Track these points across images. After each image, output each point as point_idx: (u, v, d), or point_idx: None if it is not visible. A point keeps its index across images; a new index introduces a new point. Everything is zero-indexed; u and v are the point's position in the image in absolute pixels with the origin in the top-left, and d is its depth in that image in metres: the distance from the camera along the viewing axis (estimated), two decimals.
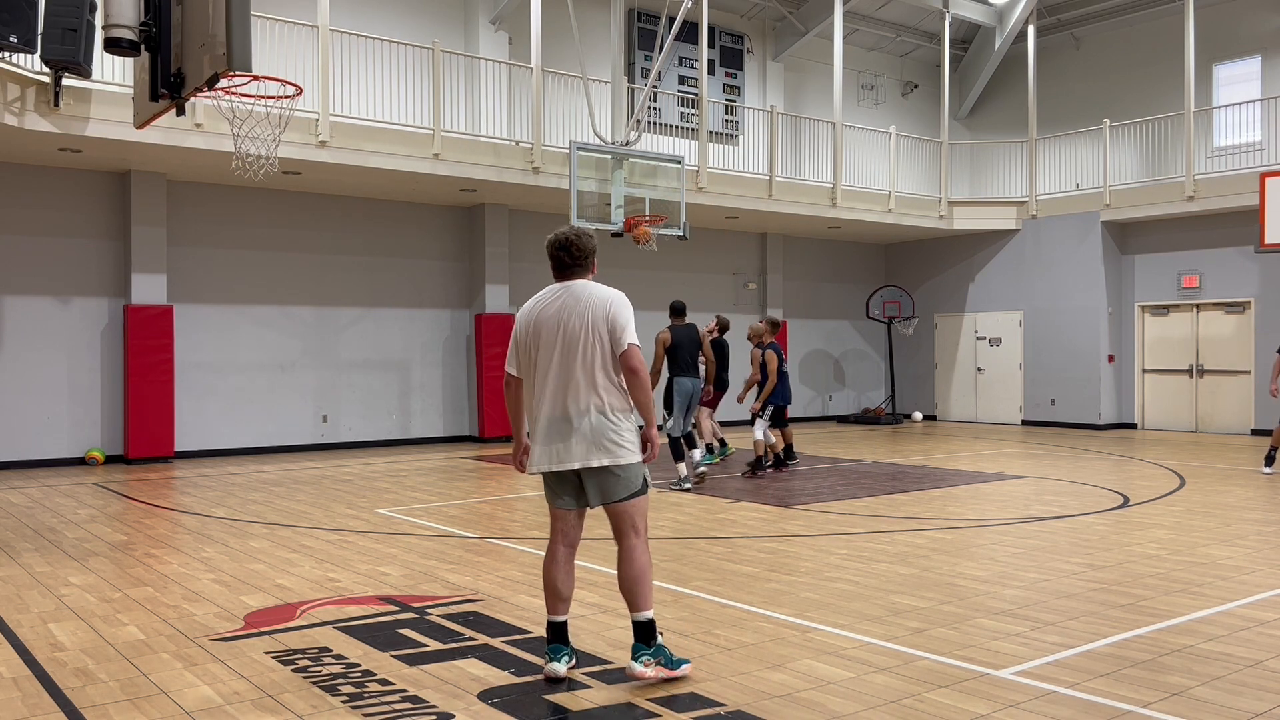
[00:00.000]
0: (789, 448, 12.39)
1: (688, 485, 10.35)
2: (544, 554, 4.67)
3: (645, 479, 4.45)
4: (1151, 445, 15.16)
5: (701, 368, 10.96)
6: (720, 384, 12.49)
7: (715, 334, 12.54)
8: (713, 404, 12.90)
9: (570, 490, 4.42)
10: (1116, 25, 19.79)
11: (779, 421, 12.03)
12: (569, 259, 4.48)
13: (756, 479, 11.14)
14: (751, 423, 11.78)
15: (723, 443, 13.36)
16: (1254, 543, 7.44)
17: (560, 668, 4.36)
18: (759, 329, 11.92)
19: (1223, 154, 17.81)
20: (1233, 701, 4.07)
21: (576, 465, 4.29)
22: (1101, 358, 18.13)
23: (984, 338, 20.07)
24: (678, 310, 10.86)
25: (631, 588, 4.34)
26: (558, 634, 4.45)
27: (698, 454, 10.87)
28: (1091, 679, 4.34)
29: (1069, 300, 18.53)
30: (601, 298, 4.38)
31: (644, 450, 4.41)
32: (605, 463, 4.29)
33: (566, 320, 4.35)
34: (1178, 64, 18.11)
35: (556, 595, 4.43)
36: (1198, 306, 17.60)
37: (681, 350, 10.53)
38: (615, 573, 4.45)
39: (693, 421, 10.89)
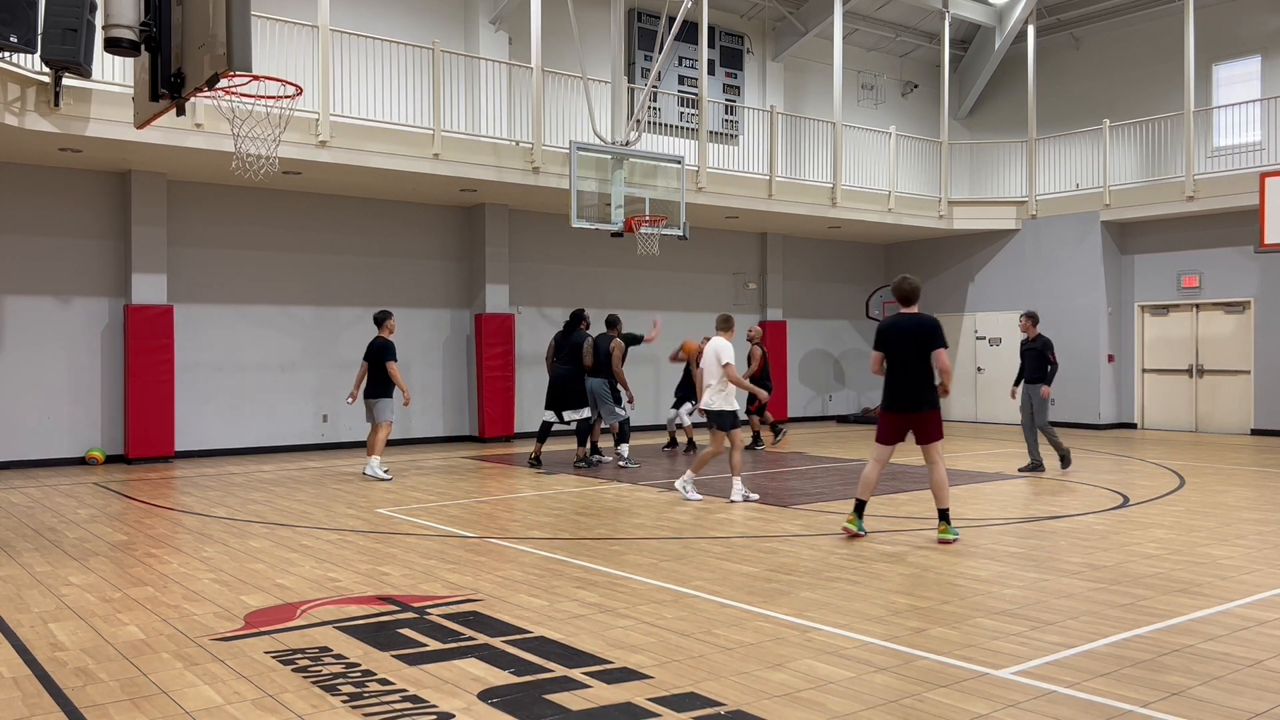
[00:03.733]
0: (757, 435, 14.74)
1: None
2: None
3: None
4: (1151, 445, 15.16)
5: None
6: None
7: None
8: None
9: None
10: (1116, 25, 19.80)
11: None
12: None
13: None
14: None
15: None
16: (1253, 542, 7.45)
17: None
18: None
19: (1222, 154, 17.81)
20: (1232, 701, 4.07)
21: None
22: (1101, 357, 18.13)
23: (984, 337, 20.07)
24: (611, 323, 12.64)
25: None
26: None
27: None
28: (1091, 679, 4.35)
29: (1069, 300, 18.53)
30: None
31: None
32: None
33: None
34: (1177, 64, 18.12)
35: None
36: (1197, 306, 17.60)
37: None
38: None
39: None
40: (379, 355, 11.40)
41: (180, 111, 6.28)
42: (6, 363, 12.57)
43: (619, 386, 12.34)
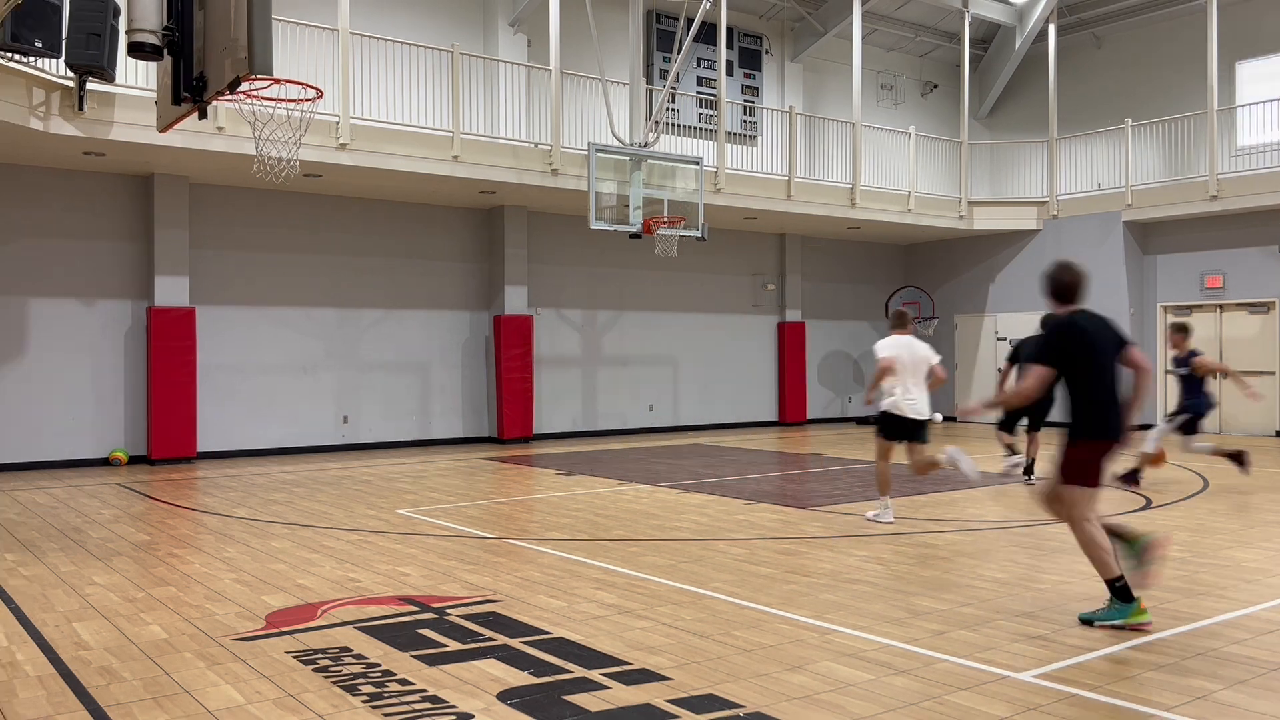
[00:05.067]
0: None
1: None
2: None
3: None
4: (1174, 447, 15.01)
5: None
6: None
7: None
8: None
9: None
10: (1138, 24, 19.65)
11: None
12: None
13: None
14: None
15: None
16: (1278, 545, 7.37)
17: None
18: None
19: (1246, 153, 17.64)
20: (1257, 705, 4.03)
21: None
22: None
23: (1005, 338, 19.94)
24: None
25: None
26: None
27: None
28: (1114, 682, 4.31)
29: (1090, 301, 18.18)
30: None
31: None
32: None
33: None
34: (1200, 62, 17.96)
35: None
36: (1221, 307, 17.44)
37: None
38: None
39: None
40: None
41: (202, 115, 6.31)
42: (31, 364, 12.70)
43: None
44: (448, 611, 5.56)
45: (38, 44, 9.05)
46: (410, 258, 15.58)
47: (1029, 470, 11.05)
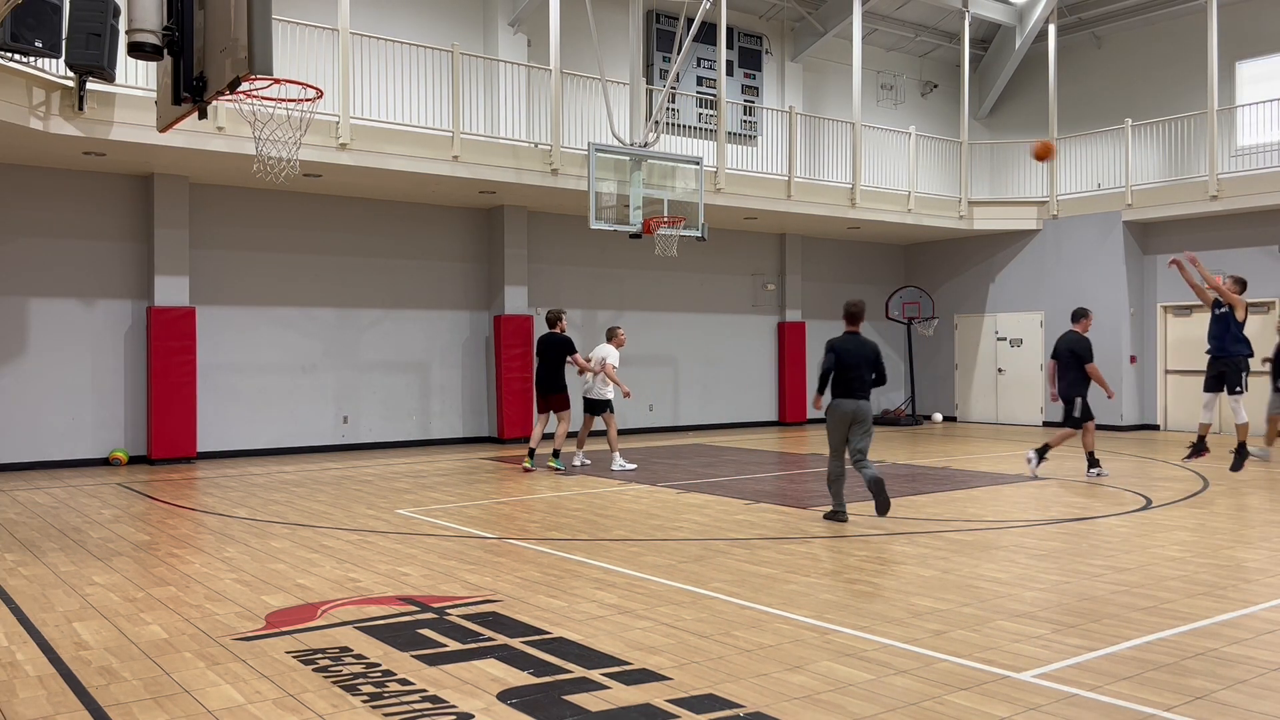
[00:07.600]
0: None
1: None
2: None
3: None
4: (1174, 446, 15.02)
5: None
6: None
7: None
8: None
9: None
10: (1138, 24, 19.65)
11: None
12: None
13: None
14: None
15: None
16: (1278, 545, 7.38)
17: None
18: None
19: (1246, 153, 17.64)
20: (1256, 705, 4.04)
21: None
22: (1124, 358, 17.98)
23: (1004, 338, 19.95)
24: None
25: None
26: None
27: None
28: (1114, 682, 4.32)
29: (1090, 301, 18.33)
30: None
31: None
32: None
33: None
34: (1200, 62, 17.95)
35: None
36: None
37: None
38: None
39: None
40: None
41: (202, 115, 6.31)
42: (31, 364, 12.70)
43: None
44: (448, 611, 5.56)
45: (38, 44, 9.07)
46: (410, 258, 15.58)
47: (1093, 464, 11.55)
